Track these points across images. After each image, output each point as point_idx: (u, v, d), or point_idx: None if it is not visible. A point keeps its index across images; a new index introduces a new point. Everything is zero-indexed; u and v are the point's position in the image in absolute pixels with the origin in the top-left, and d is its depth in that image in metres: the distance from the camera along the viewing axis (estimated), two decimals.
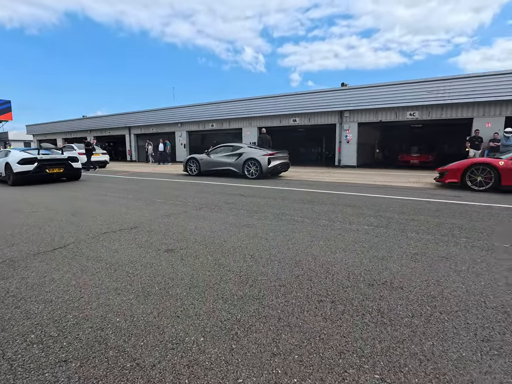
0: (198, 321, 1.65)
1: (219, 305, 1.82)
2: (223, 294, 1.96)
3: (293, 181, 8.61)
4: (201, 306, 1.80)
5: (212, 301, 1.86)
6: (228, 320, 1.66)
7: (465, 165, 6.74)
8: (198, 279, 2.18)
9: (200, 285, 2.08)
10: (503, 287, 2.02)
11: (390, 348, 1.42)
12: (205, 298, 1.90)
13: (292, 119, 16.54)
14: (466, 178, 6.66)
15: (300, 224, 3.66)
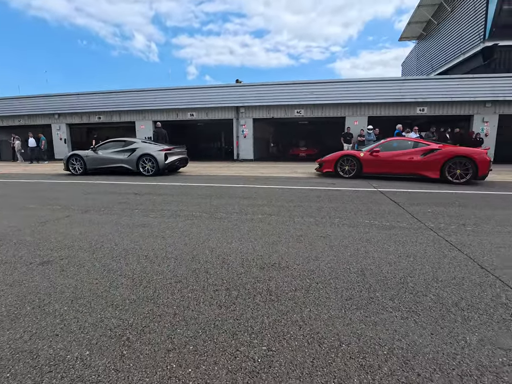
0: (83, 335, 1.50)
1: (108, 313, 1.69)
2: (113, 300, 1.82)
3: (192, 176, 8.53)
4: (87, 318, 1.64)
5: (100, 310, 1.71)
6: (119, 327, 1.57)
7: (336, 157, 8.02)
8: (82, 289, 1.96)
9: (85, 296, 1.88)
10: (363, 254, 2.51)
11: (276, 321, 1.60)
12: (91, 309, 1.74)
13: (189, 113, 16.26)
14: (338, 167, 7.90)
15: (198, 219, 3.68)
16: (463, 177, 6.77)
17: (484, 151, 6.82)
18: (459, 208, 4.30)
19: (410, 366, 1.28)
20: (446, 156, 6.87)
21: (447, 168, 6.86)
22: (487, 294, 1.87)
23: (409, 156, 7.32)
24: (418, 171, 7.23)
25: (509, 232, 3.14)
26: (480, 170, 6.64)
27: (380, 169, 7.68)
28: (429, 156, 7.08)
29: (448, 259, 2.41)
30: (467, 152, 6.81)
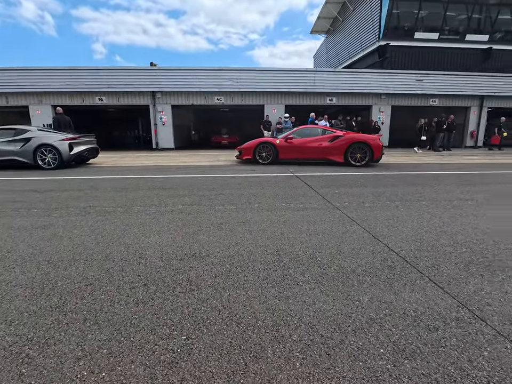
0: None
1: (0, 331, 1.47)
2: (6, 316, 1.59)
3: (105, 168, 7.78)
4: None
5: None
6: (15, 344, 1.38)
7: (255, 144, 8.35)
8: None
9: None
10: (279, 236, 2.69)
11: (195, 310, 1.62)
12: None
13: (98, 97, 14.59)
14: (256, 154, 8.24)
15: (112, 214, 3.41)
16: (363, 160, 7.76)
17: (377, 137, 7.92)
18: (360, 188, 4.93)
19: (315, 330, 1.46)
20: (348, 142, 7.78)
21: (349, 153, 7.76)
22: (377, 259, 2.22)
23: (318, 142, 8.05)
24: (327, 156, 8.02)
25: (396, 206, 3.75)
26: (375, 154, 7.71)
27: (294, 155, 8.25)
28: (334, 142, 7.90)
29: (350, 233, 2.77)
30: (364, 138, 7.83)
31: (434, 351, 1.31)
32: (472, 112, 16.75)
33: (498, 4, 16.90)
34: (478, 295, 1.75)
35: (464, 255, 2.30)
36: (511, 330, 1.44)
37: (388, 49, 17.05)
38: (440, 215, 3.36)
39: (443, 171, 7.09)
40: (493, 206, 3.78)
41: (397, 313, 1.58)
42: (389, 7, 16.33)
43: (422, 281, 1.90)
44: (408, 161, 9.42)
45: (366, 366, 1.23)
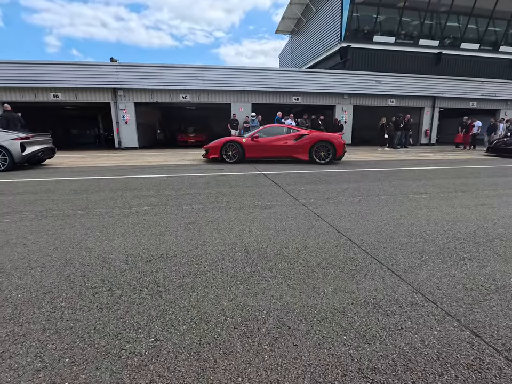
0: None
1: None
2: None
3: (63, 169, 7.33)
4: None
5: None
6: None
7: (221, 143, 8.32)
8: None
9: None
10: (247, 234, 2.72)
11: (163, 311, 1.60)
12: None
13: (52, 94, 13.67)
14: (223, 153, 8.24)
15: (72, 218, 3.23)
16: (327, 157, 8.05)
17: (339, 136, 8.27)
18: (325, 184, 5.11)
19: (283, 322, 1.51)
20: (312, 140, 8.01)
21: (313, 151, 8.02)
22: (341, 252, 2.33)
23: (284, 140, 8.21)
24: (292, 154, 8.20)
25: (358, 201, 3.94)
26: (338, 152, 8.05)
27: (260, 153, 8.34)
28: (299, 140, 8.10)
29: (315, 228, 2.87)
30: (327, 137, 8.12)
31: (392, 334, 1.41)
32: (426, 112, 17.99)
33: (447, 12, 18.25)
34: (430, 280, 1.91)
35: (418, 244, 2.48)
36: (458, 310, 1.59)
37: (349, 51, 17.75)
38: (397, 208, 3.59)
39: (401, 167, 7.55)
40: (443, 198, 4.11)
41: (359, 301, 1.68)
42: (349, 10, 16.99)
43: (381, 271, 2.03)
44: (369, 159, 9.90)
45: (330, 352, 1.30)
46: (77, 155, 11.58)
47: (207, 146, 8.60)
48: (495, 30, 19.56)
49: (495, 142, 11.77)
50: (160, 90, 14.48)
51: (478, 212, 3.44)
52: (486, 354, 1.29)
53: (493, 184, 5.17)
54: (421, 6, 17.81)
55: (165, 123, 23.21)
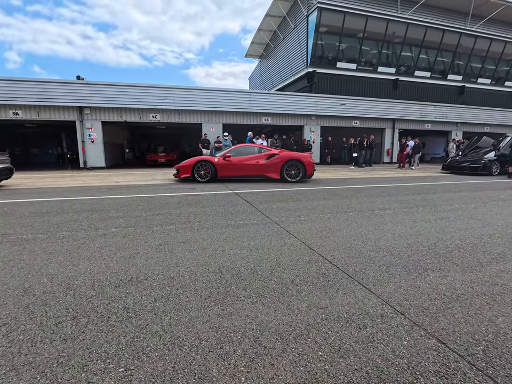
0: None
1: None
2: None
3: (22, 190, 6.87)
4: None
5: None
6: None
7: (193, 162, 8.32)
8: None
9: None
10: (220, 253, 2.70)
11: (134, 338, 1.53)
12: None
13: (12, 111, 12.97)
14: (195, 172, 8.21)
15: (31, 242, 3.02)
16: (297, 176, 8.29)
17: (309, 155, 8.59)
18: (296, 202, 5.22)
19: (259, 342, 1.49)
20: (283, 159, 8.26)
21: (285, 170, 8.24)
22: (313, 268, 2.38)
23: (256, 160, 8.38)
24: (264, 173, 8.37)
25: (328, 218, 4.06)
26: (308, 171, 8.33)
27: (232, 172, 8.42)
28: (271, 159, 8.32)
29: (288, 246, 2.91)
30: (298, 156, 8.40)
31: (364, 346, 1.45)
32: (387, 133, 19.23)
33: (401, 43, 20.03)
34: (398, 292, 2.00)
35: (385, 258, 2.60)
36: (424, 320, 1.68)
37: (315, 76, 18.74)
38: (365, 224, 3.74)
39: (366, 184, 7.93)
40: (406, 213, 4.36)
41: (332, 316, 1.71)
42: (314, 38, 18.09)
43: (352, 285, 2.09)
44: (337, 177, 10.31)
45: (307, 369, 1.30)
46: (38, 175, 10.93)
47: (179, 165, 8.52)
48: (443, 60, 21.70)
49: (449, 160, 12.77)
50: (129, 109, 14.27)
51: (437, 226, 3.68)
52: (451, 360, 1.36)
53: (449, 199, 5.57)
54: (378, 37, 19.41)
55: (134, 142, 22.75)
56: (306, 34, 18.65)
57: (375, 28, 18.85)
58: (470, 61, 22.20)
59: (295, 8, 19.75)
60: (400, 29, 19.42)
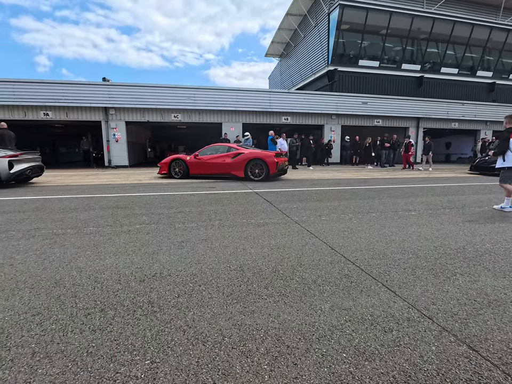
0: None
1: None
2: None
3: (51, 187, 7.20)
4: None
5: None
6: None
7: (169, 160, 9.07)
8: None
9: None
10: (241, 251, 2.71)
11: (159, 332, 1.56)
12: None
13: (43, 112, 13.62)
14: (171, 170, 8.99)
15: (61, 237, 3.16)
16: (260, 175, 8.32)
17: (272, 155, 8.44)
18: (317, 202, 5.16)
19: (281, 341, 1.49)
20: (247, 158, 8.36)
21: (249, 168, 8.36)
22: (336, 269, 2.34)
23: (223, 158, 8.65)
24: (230, 171, 8.58)
25: (350, 218, 3.99)
26: (271, 170, 8.25)
27: (202, 170, 8.83)
28: (236, 158, 8.47)
29: (309, 246, 2.88)
30: (261, 156, 8.34)
31: (391, 350, 1.41)
32: (411, 132, 18.62)
33: (427, 39, 19.34)
34: (424, 296, 1.93)
35: (410, 260, 2.52)
36: (453, 325, 1.61)
37: (336, 74, 18.45)
38: (388, 225, 3.65)
39: (388, 185, 7.72)
40: (432, 215, 4.20)
41: (356, 318, 1.68)
42: (335, 36, 17.81)
43: (376, 287, 2.04)
44: (358, 177, 10.10)
45: (331, 371, 1.28)
46: (66, 173, 11.42)
47: (160, 163, 9.28)
48: (472, 56, 20.76)
49: (477, 160, 12.21)
50: (152, 109, 14.62)
51: (466, 228, 3.52)
52: (484, 368, 1.30)
53: (478, 201, 5.33)
54: (403, 33, 18.84)
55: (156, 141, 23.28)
56: (327, 32, 18.39)
57: (399, 24, 18.32)
58: (501, 56, 21.12)
59: (316, 6, 19.52)
60: (426, 24, 18.76)
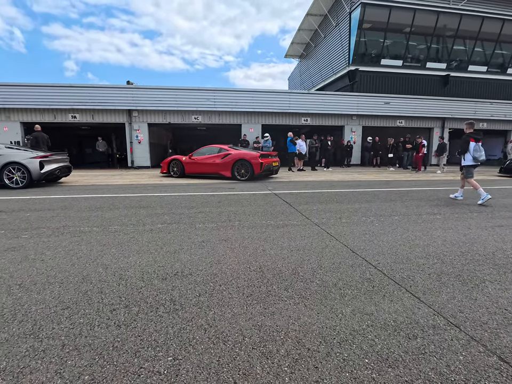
0: None
1: None
2: None
3: (78, 187, 7.51)
4: None
5: None
6: None
7: (168, 160, 9.97)
8: None
9: None
10: (261, 253, 2.72)
11: (181, 329, 1.60)
12: None
13: (71, 114, 14.22)
14: (170, 169, 9.81)
15: (87, 234, 3.29)
16: (245, 175, 8.67)
17: (257, 156, 8.69)
18: (337, 204, 5.09)
19: (302, 343, 1.48)
20: (234, 159, 8.77)
21: (235, 168, 8.74)
22: (357, 273, 2.30)
23: (213, 159, 9.15)
24: (219, 171, 9.03)
25: (371, 221, 3.90)
26: (255, 170, 8.59)
27: (195, 169, 9.47)
28: (224, 159, 8.91)
29: (329, 248, 2.85)
30: (246, 157, 8.72)
31: (415, 358, 1.37)
32: (435, 132, 17.99)
33: (454, 36, 18.64)
34: (451, 303, 1.86)
35: (436, 266, 2.43)
36: (482, 335, 1.54)
37: (357, 74, 18.13)
38: (412, 229, 3.54)
39: (412, 187, 7.49)
40: (458, 219, 4.04)
41: (378, 323, 1.64)
42: (357, 35, 17.51)
43: (400, 292, 1.99)
44: (379, 179, 9.87)
45: (352, 376, 1.26)
46: (91, 173, 11.87)
47: (161, 163, 10.17)
48: (502, 53, 19.80)
49: (508, 162, 11.61)
50: (173, 111, 14.93)
51: (495, 233, 3.36)
52: None
53: (508, 205, 5.07)
54: (427, 31, 18.25)
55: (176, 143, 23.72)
56: (348, 31, 18.10)
57: (423, 22, 17.76)
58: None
59: (337, 6, 19.28)
60: (452, 21, 18.08)
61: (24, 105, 13.63)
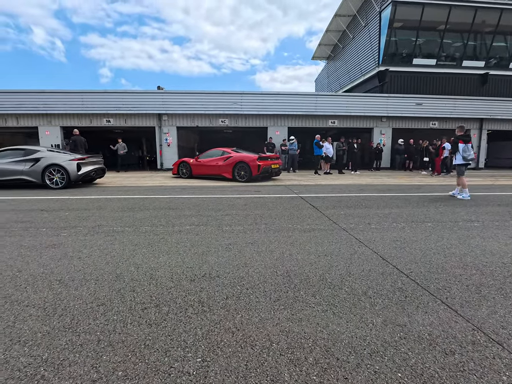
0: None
1: (14, 351, 1.47)
2: (19, 337, 1.59)
3: (111, 188, 7.87)
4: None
5: (3, 351, 1.48)
6: (30, 365, 1.38)
7: (178, 162, 10.73)
8: None
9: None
10: (288, 257, 2.70)
11: (209, 331, 1.62)
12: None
13: (105, 119, 14.97)
14: (180, 171, 10.54)
15: (120, 234, 3.43)
16: (245, 177, 8.96)
17: (255, 158, 8.86)
18: (365, 209, 4.95)
19: (331, 353, 1.45)
20: (234, 161, 9.11)
21: (236, 170, 9.06)
22: (388, 281, 2.22)
23: (217, 161, 9.57)
24: (221, 173, 9.50)
25: (402, 228, 3.75)
26: (253, 172, 8.83)
27: (201, 171, 10.05)
28: (226, 161, 9.26)
29: (358, 255, 2.77)
30: (245, 160, 8.97)
31: (453, 375, 1.30)
32: (473, 134, 16.99)
33: (493, 32, 17.58)
34: (492, 318, 1.74)
35: (474, 277, 2.29)
36: None
37: (387, 74, 17.58)
38: (447, 236, 3.36)
39: (445, 192, 7.11)
40: (499, 227, 3.78)
41: (412, 336, 1.57)
42: (387, 35, 17.00)
43: (435, 304, 1.89)
44: (410, 183, 9.47)
45: None
46: (123, 175, 12.40)
47: (173, 165, 10.91)
48: None
49: None
50: (201, 115, 15.27)
51: None
52: None
53: None
54: (464, 28, 17.34)
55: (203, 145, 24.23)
56: (378, 31, 17.62)
57: (459, 18, 16.89)
58: None
59: (367, 5, 18.83)
60: (491, 16, 17.05)
61: (63, 111, 14.52)
